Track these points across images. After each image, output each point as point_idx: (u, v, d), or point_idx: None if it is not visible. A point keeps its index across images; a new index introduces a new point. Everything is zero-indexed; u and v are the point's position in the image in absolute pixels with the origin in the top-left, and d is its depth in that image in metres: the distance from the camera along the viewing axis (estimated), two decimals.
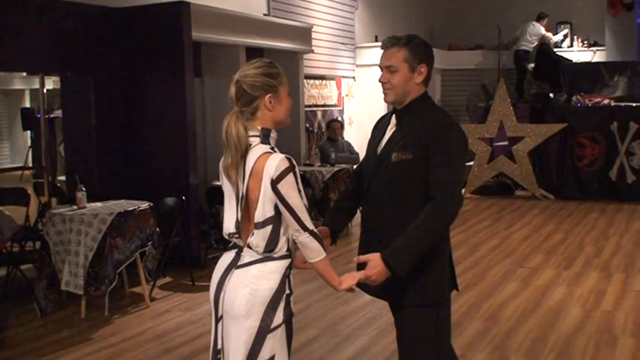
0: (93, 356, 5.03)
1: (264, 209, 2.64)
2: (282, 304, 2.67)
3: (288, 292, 2.72)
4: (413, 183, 2.86)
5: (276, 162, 2.61)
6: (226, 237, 2.79)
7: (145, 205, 6.17)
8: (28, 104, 14.67)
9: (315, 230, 2.68)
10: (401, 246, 2.76)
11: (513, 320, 5.65)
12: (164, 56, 7.55)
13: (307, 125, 10.92)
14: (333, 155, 9.75)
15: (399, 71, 2.92)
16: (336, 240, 3.18)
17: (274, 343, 2.65)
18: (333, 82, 12.23)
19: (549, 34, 14.20)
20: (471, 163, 12.85)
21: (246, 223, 2.71)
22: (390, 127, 3.00)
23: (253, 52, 9.42)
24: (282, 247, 2.69)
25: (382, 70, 2.97)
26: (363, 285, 2.90)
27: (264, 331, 2.64)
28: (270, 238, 2.66)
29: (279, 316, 2.66)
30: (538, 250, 8.19)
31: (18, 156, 14.86)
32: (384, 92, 2.98)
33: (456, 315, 5.76)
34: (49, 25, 6.92)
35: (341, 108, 12.43)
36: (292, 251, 2.75)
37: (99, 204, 6.17)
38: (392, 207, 2.91)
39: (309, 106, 11.17)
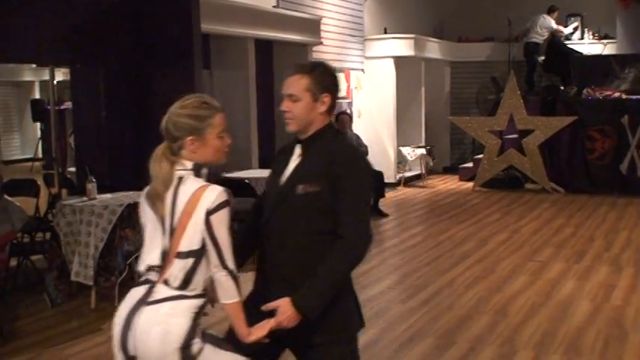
0: (103, 347, 5.04)
1: (191, 240, 2.55)
2: (197, 339, 2.55)
3: (202, 328, 2.61)
4: (319, 217, 2.68)
5: (216, 193, 2.54)
6: (143, 270, 2.67)
7: None
8: (37, 96, 14.73)
9: (235, 272, 2.57)
10: (310, 289, 2.61)
11: (522, 314, 5.64)
12: (173, 48, 7.54)
13: None
14: None
15: (300, 100, 2.74)
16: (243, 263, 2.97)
17: None
18: (341, 75, 12.19)
19: (560, 27, 14.12)
20: (481, 156, 12.83)
21: (171, 256, 2.60)
22: (293, 158, 2.81)
23: (262, 44, 9.42)
24: (197, 286, 2.58)
25: (284, 98, 2.78)
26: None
27: None
28: (188, 272, 2.56)
29: (196, 346, 2.55)
30: (548, 244, 8.17)
31: (28, 147, 14.94)
32: (285, 121, 2.80)
33: (464, 308, 5.78)
34: (58, 17, 6.92)
35: (350, 100, 12.40)
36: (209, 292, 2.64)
37: (109, 195, 6.18)
38: (296, 242, 2.71)
39: None
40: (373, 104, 12.81)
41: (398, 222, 9.91)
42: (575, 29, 15.39)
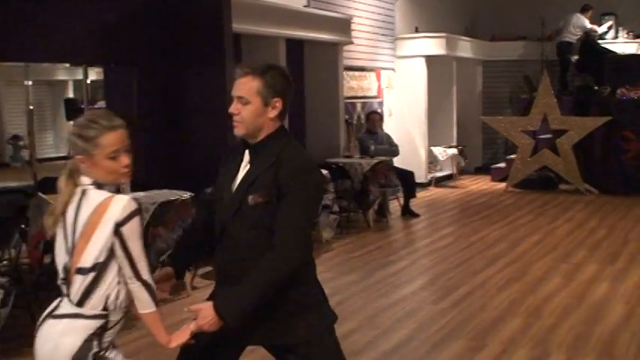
0: (135, 343, 5.08)
1: (94, 254, 2.46)
2: None
3: (96, 349, 2.52)
4: (269, 229, 2.59)
5: (123, 204, 2.45)
6: (59, 282, 2.62)
7: (186, 195, 6.21)
8: (71, 95, 14.87)
9: (149, 282, 2.51)
10: (235, 295, 2.56)
11: (555, 316, 5.58)
12: (205, 48, 7.59)
13: (346, 117, 10.89)
14: (372, 147, 9.71)
15: (250, 104, 2.63)
16: (182, 276, 2.96)
17: None
18: (372, 74, 12.17)
19: (594, 26, 13.95)
20: (513, 156, 12.73)
21: (72, 272, 2.54)
22: (243, 164, 2.71)
23: (293, 44, 9.43)
24: (97, 304, 2.50)
25: (232, 100, 2.68)
26: (238, 335, 2.69)
27: None
28: (87, 288, 2.48)
29: None
30: (581, 246, 8.08)
31: (62, 146, 15.09)
32: (233, 124, 2.68)
33: (497, 310, 5.73)
34: (92, 17, 7.00)
35: (381, 100, 12.37)
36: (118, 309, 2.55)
37: (142, 193, 6.22)
38: (252, 253, 2.62)
39: (349, 97, 11.13)
40: (404, 103, 12.76)
41: (429, 222, 9.86)
42: (609, 28, 15.18)
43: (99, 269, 2.47)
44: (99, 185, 2.52)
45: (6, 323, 4.59)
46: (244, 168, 2.70)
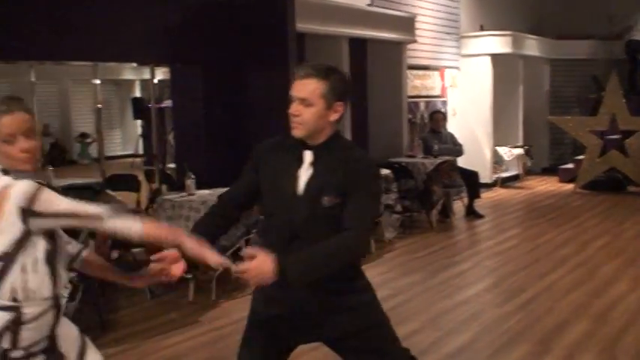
0: (200, 338, 5.16)
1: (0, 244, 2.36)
2: None
3: (7, 346, 2.39)
4: (338, 229, 2.58)
5: (21, 187, 2.34)
6: None
7: None
8: (138, 94, 15.19)
9: (105, 211, 2.40)
10: (301, 257, 2.50)
11: (623, 321, 5.43)
12: (269, 48, 7.64)
13: (410, 116, 10.83)
14: (435, 147, 9.63)
15: (313, 106, 2.60)
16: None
17: None
18: (436, 73, 12.07)
19: None
20: (581, 157, 12.47)
21: None
22: (305, 165, 2.66)
23: (356, 43, 9.42)
24: (4, 295, 2.37)
25: (293, 101, 2.65)
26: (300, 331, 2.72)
27: None
28: None
29: None
30: None
31: (129, 144, 15.43)
32: (292, 125, 2.65)
33: (562, 314, 5.62)
34: (159, 17, 7.13)
35: (444, 99, 12.26)
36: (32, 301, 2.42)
37: (207, 191, 6.31)
38: None
39: (412, 97, 11.06)
40: (469, 103, 12.61)
41: (494, 224, 9.72)
42: None
43: (7, 259, 2.37)
44: (5, 172, 2.43)
45: (72, 318, 4.70)
46: (307, 170, 2.66)
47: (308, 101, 2.61)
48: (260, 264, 2.40)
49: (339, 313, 2.69)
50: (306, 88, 2.62)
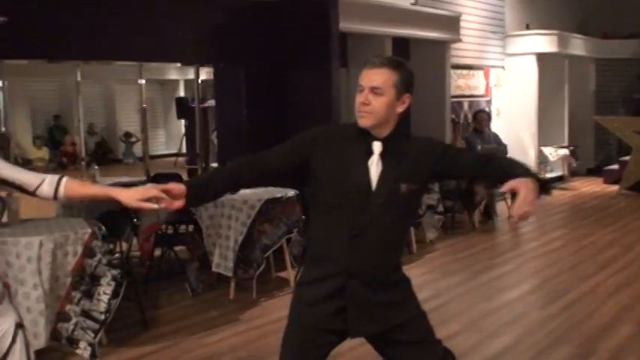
0: (240, 337, 5.20)
1: None
2: None
3: None
4: (411, 216, 2.78)
5: None
6: None
7: (291, 192, 6.28)
8: (182, 94, 15.35)
9: (41, 178, 2.71)
10: (525, 165, 2.68)
11: None
12: (311, 47, 7.66)
13: (453, 116, 10.75)
14: (479, 147, 9.53)
15: (384, 95, 2.59)
16: (190, 205, 2.68)
17: None
18: (480, 72, 11.96)
19: None
20: (627, 157, 12.25)
21: None
22: (375, 157, 2.63)
23: (399, 42, 9.38)
24: None
25: (362, 90, 2.62)
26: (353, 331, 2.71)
27: None
28: None
29: None
30: None
31: (172, 143, 15.61)
32: (359, 115, 2.63)
33: (606, 317, 5.53)
34: (203, 18, 7.19)
35: (489, 98, 12.14)
36: None
37: (249, 190, 6.32)
38: (389, 242, 2.69)
39: (455, 96, 10.98)
40: (513, 102, 12.46)
41: (538, 225, 9.60)
42: None
43: None
44: None
45: (116, 314, 4.78)
46: (377, 160, 2.63)
47: (380, 90, 2.60)
48: (526, 192, 2.47)
49: (388, 305, 2.70)
50: (379, 77, 2.61)
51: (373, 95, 2.60)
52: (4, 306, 2.93)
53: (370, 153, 2.64)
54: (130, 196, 2.59)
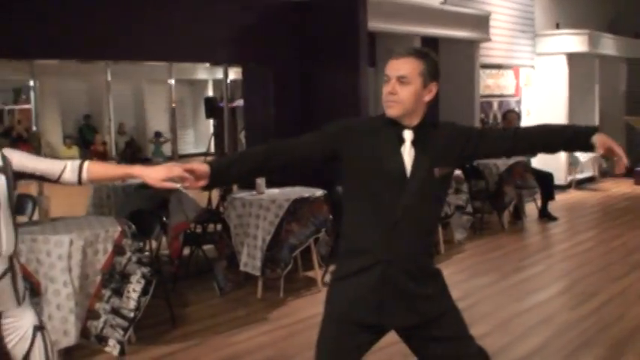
0: (267, 336, 5.21)
1: None
2: None
3: None
4: (444, 202, 2.90)
5: None
6: None
7: (319, 192, 6.29)
8: (211, 93, 15.43)
9: (60, 165, 2.92)
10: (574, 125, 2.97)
11: None
12: (340, 47, 7.65)
13: (482, 116, 10.68)
14: None
15: (411, 84, 2.62)
16: (213, 186, 2.77)
17: None
18: (510, 72, 11.87)
19: None
20: None
21: None
22: (407, 145, 2.65)
23: (428, 41, 9.35)
24: None
25: (389, 80, 2.64)
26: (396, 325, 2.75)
27: None
28: None
29: None
30: None
31: (201, 142, 15.72)
32: (387, 104, 2.65)
33: (636, 319, 5.47)
34: (231, 18, 7.22)
35: (518, 98, 12.05)
36: None
37: (276, 190, 6.36)
38: (424, 228, 2.75)
39: (485, 96, 10.91)
40: (543, 102, 12.36)
41: (568, 226, 9.50)
42: None
43: None
44: None
45: (144, 312, 4.82)
46: (410, 148, 2.65)
47: (407, 79, 2.62)
48: (614, 143, 2.81)
49: (426, 297, 2.71)
50: (405, 67, 2.63)
51: (400, 85, 2.63)
52: (24, 307, 2.96)
53: (402, 141, 2.67)
54: (154, 176, 2.65)
